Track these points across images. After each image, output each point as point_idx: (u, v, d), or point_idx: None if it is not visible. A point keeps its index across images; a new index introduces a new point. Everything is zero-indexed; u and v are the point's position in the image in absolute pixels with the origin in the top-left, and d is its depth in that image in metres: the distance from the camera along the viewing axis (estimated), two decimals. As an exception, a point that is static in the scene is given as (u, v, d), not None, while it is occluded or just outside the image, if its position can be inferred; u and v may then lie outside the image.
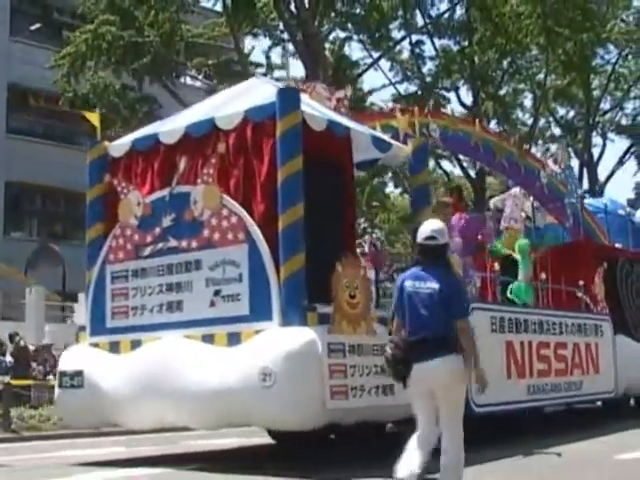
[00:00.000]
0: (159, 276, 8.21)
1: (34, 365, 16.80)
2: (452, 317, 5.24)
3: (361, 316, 7.66)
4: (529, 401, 10.07)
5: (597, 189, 30.42)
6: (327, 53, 23.04)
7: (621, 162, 32.18)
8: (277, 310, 7.36)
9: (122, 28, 19.62)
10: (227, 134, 8.06)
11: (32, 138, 29.59)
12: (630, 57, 30.45)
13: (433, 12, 25.99)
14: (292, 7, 21.39)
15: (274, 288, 7.40)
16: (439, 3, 25.98)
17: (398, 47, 27.05)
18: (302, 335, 7.15)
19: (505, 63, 27.04)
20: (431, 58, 26.81)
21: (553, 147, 31.94)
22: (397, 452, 5.22)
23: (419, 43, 26.54)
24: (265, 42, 25.33)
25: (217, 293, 7.75)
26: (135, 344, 8.26)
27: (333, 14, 23.47)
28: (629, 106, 33.16)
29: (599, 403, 13.23)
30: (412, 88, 27.57)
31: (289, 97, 7.74)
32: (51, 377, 15.78)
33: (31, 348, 17.23)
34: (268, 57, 23.80)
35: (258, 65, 23.60)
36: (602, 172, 32.32)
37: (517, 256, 10.90)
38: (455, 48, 26.54)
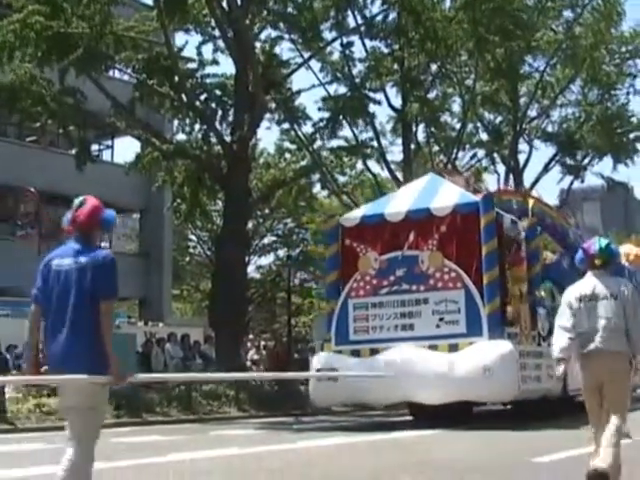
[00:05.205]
0: (394, 307, 12.93)
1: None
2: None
3: (529, 334, 12.68)
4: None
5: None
6: (258, 51, 22.70)
7: (546, 169, 32.50)
8: (486, 330, 12.23)
9: (51, 18, 19.08)
10: (442, 218, 12.88)
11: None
12: (558, 66, 30.42)
13: (367, 13, 25.34)
14: (224, 4, 21.16)
15: (483, 317, 12.28)
16: (371, 5, 25.20)
17: (329, 48, 26.31)
18: (507, 346, 12.07)
19: (434, 67, 26.87)
20: (361, 60, 26.19)
21: (480, 152, 33.15)
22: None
23: (350, 44, 25.70)
24: (196, 38, 24.49)
25: (441, 319, 12.56)
26: (374, 351, 12.91)
27: (265, 12, 22.96)
28: (555, 114, 33.06)
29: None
30: (342, 89, 27.01)
31: (489, 201, 12.74)
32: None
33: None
34: (200, 53, 23.20)
35: (189, 60, 23.27)
36: (527, 178, 32.50)
37: None
38: (386, 50, 26.20)
